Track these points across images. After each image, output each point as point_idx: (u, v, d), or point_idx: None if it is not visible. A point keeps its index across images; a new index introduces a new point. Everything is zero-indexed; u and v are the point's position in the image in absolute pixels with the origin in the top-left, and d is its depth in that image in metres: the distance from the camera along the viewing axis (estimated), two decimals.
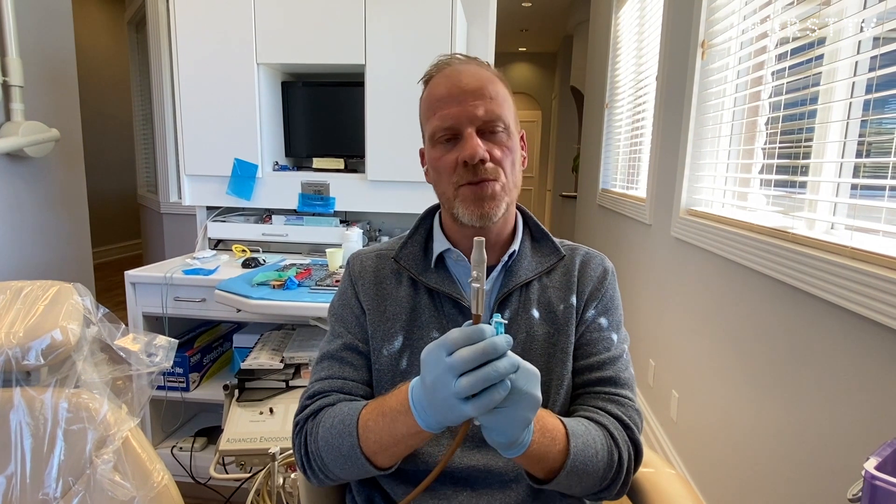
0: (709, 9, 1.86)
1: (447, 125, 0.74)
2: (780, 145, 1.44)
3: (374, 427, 0.68)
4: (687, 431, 1.90)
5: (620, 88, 3.41)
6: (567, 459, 0.66)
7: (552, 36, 7.67)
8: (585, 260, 0.85)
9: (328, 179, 2.18)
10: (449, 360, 0.54)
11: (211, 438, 1.99)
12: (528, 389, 0.56)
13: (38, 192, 2.32)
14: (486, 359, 0.53)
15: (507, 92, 0.79)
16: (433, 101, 0.76)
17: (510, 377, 0.54)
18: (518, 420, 0.57)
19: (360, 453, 0.69)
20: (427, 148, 0.80)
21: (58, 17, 2.42)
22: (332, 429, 0.72)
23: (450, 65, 0.78)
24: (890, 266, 0.94)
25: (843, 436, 1.06)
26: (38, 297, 0.97)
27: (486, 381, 0.53)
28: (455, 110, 0.73)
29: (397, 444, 0.66)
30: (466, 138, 0.73)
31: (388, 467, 0.71)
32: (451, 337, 0.55)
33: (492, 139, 0.75)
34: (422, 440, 0.67)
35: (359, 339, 0.82)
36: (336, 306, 0.86)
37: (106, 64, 5.68)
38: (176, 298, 1.84)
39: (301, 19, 2.04)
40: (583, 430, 0.69)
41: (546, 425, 0.65)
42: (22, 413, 0.90)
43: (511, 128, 0.77)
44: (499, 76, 0.79)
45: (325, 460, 0.73)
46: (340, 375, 0.80)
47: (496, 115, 0.74)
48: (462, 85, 0.74)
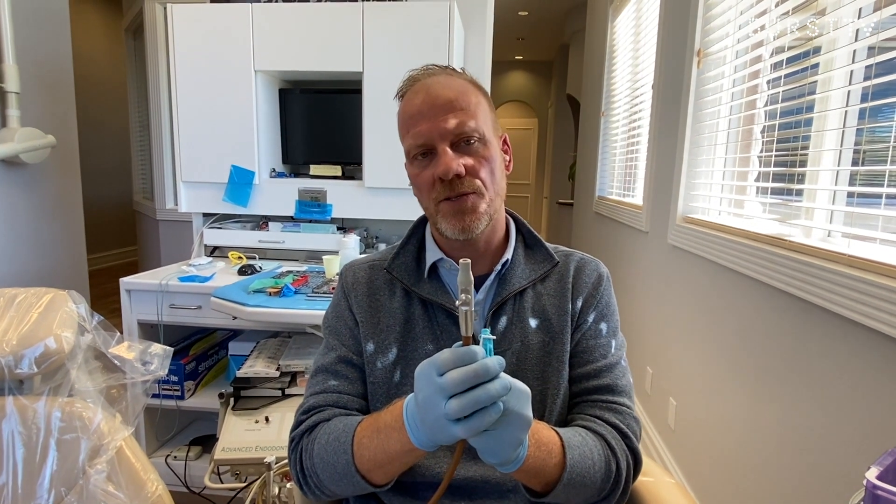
0: (704, 18, 1.88)
1: (420, 142, 0.74)
2: (776, 153, 1.45)
3: (369, 444, 0.67)
4: (685, 439, 1.90)
5: (616, 96, 3.43)
6: (564, 472, 0.65)
7: (548, 45, 7.72)
8: (580, 266, 0.85)
9: (325, 186, 2.17)
10: (440, 380, 0.54)
11: (206, 447, 1.97)
12: (518, 410, 0.56)
13: (33, 198, 2.31)
14: (477, 381, 0.53)
15: (482, 98, 0.78)
16: (406, 117, 0.76)
17: (501, 399, 0.54)
18: (509, 441, 0.57)
19: (355, 471, 0.68)
20: (406, 164, 0.80)
21: (55, 23, 2.41)
22: (328, 445, 0.71)
23: (419, 79, 0.78)
24: (888, 274, 0.94)
25: (841, 443, 1.06)
26: (32, 305, 0.96)
27: (477, 404, 0.52)
28: (426, 126, 0.73)
29: (391, 462, 0.66)
30: (440, 154, 0.73)
31: (383, 484, 0.70)
32: (441, 357, 0.54)
33: (467, 151, 0.74)
34: (416, 458, 0.66)
35: (353, 352, 0.81)
36: (330, 318, 0.86)
37: (102, 70, 5.68)
38: (171, 306, 1.83)
39: (299, 27, 2.05)
40: (579, 442, 0.69)
41: (541, 438, 0.65)
42: (14, 422, 0.89)
43: (486, 136, 0.75)
44: (472, 82, 0.78)
45: (321, 477, 0.72)
46: (335, 389, 0.79)
47: (468, 126, 0.73)
48: (432, 99, 0.74)
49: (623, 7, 3.31)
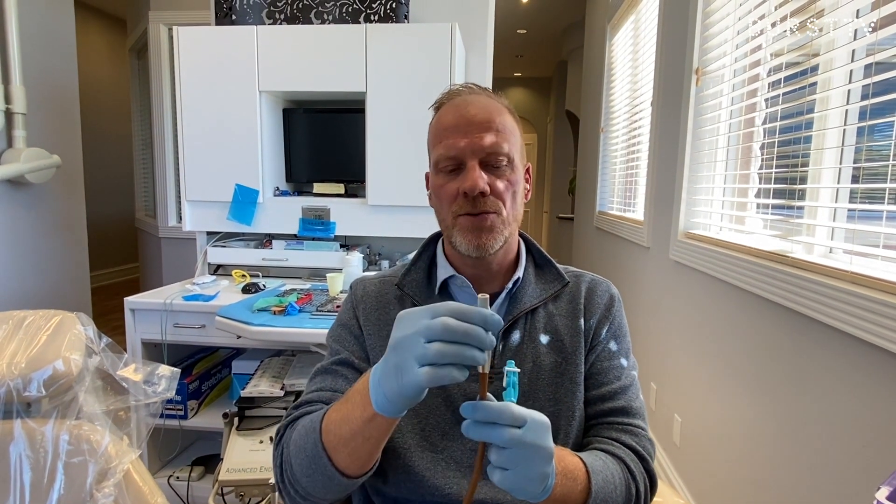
0: (702, 37, 1.91)
1: (451, 155, 0.75)
2: (776, 170, 1.47)
3: (335, 417, 0.65)
4: (690, 456, 1.88)
5: (616, 113, 3.46)
6: (589, 498, 0.65)
7: (547, 61, 7.81)
8: (591, 287, 0.85)
9: (328, 204, 2.19)
10: (430, 322, 0.52)
11: (208, 467, 1.96)
12: (539, 443, 0.55)
13: (37, 217, 2.32)
14: (467, 341, 0.52)
15: (515, 124, 0.79)
16: (440, 129, 0.77)
17: (517, 433, 0.53)
18: (533, 477, 0.56)
19: (322, 450, 0.64)
20: (431, 174, 0.81)
21: (62, 46, 2.45)
22: (303, 429, 0.69)
23: (460, 94, 0.79)
24: (891, 291, 0.95)
25: (846, 460, 1.05)
26: (40, 328, 0.96)
27: (457, 357, 0.51)
28: (460, 141, 0.74)
29: (354, 436, 0.62)
30: (469, 170, 0.74)
31: (351, 475, 0.65)
32: (445, 305, 0.54)
33: (495, 172, 0.75)
34: (380, 432, 0.62)
35: (355, 356, 0.81)
36: (335, 328, 0.86)
37: (106, 89, 5.74)
38: (175, 325, 1.83)
39: (303, 48, 2.08)
40: (601, 466, 0.69)
41: (567, 466, 0.64)
42: (22, 446, 0.88)
43: (515, 161, 0.77)
44: (508, 108, 0.80)
45: (294, 468, 0.68)
46: (331, 388, 0.78)
47: (500, 148, 0.74)
48: (469, 116, 0.75)
49: (621, 25, 3.35)
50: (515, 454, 0.54)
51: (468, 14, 2.44)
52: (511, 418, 0.54)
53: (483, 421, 0.54)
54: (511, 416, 0.54)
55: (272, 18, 2.25)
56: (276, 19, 2.25)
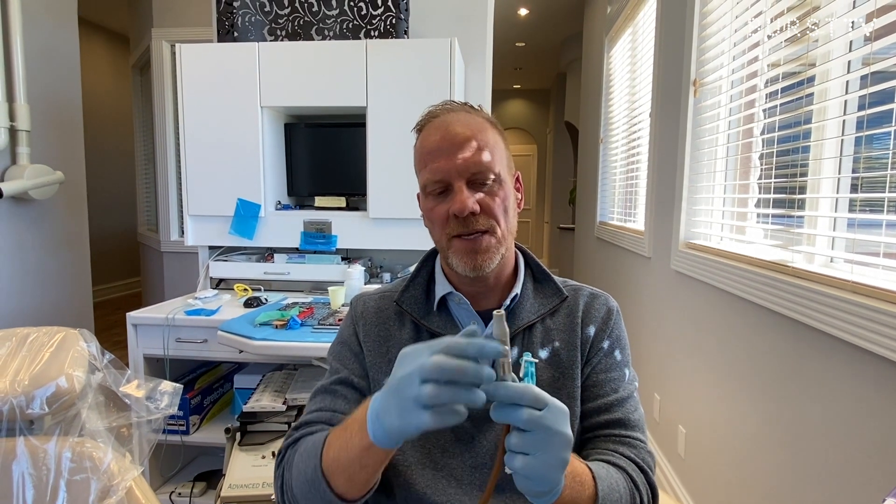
0: (699, 49, 1.93)
1: (437, 178, 0.75)
2: (775, 180, 1.47)
3: (335, 442, 0.65)
4: (695, 468, 1.87)
5: (615, 124, 3.49)
6: None
7: (545, 74, 7.87)
8: (590, 300, 0.85)
9: (330, 217, 2.20)
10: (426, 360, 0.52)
11: (210, 483, 1.94)
12: (559, 428, 0.54)
13: (40, 233, 2.33)
14: (462, 378, 0.51)
15: (499, 137, 0.79)
16: (424, 152, 0.77)
17: (537, 414, 0.52)
18: (555, 463, 0.54)
19: (321, 475, 0.65)
20: (421, 197, 0.81)
21: (66, 62, 2.48)
22: (304, 453, 0.69)
23: (438, 115, 0.79)
24: (892, 300, 0.95)
25: (850, 470, 1.04)
26: (43, 344, 0.97)
27: (453, 399, 0.51)
28: (444, 163, 0.74)
29: (352, 463, 0.63)
30: (456, 191, 0.74)
31: (349, 498, 0.65)
32: (443, 341, 0.53)
33: (483, 189, 0.75)
34: (376, 461, 0.62)
35: (355, 375, 0.81)
36: (335, 345, 0.86)
37: (109, 105, 5.79)
38: (178, 340, 1.83)
39: (304, 64, 2.10)
40: (605, 474, 0.68)
41: (575, 470, 0.64)
42: (25, 463, 0.88)
43: (502, 175, 0.77)
44: (490, 121, 0.80)
45: (294, 490, 0.69)
46: (331, 408, 0.78)
47: (485, 166, 0.74)
48: (451, 136, 0.74)
49: (618, 38, 3.39)
50: (536, 437, 0.53)
51: (467, 28, 2.47)
52: (533, 399, 0.53)
53: (505, 402, 0.53)
54: (533, 396, 0.53)
55: (273, 35, 2.28)
56: (277, 36, 2.28)
